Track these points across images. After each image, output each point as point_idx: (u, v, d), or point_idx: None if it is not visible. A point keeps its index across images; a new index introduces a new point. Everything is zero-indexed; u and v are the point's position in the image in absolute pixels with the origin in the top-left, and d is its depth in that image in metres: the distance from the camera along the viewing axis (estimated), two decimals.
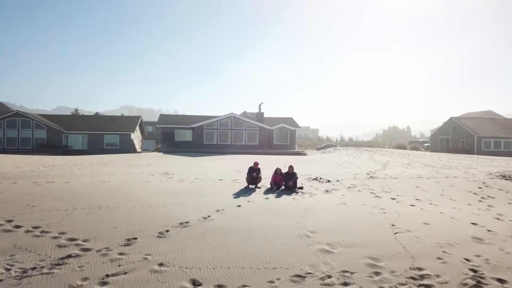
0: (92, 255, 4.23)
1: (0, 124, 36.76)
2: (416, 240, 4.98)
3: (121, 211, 6.31)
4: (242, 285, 3.55)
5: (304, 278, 3.72)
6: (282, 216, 6.36)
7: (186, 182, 10.15)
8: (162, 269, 3.88)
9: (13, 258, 4.16)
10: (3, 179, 9.87)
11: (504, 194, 9.25)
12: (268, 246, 4.72)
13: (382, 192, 9.22)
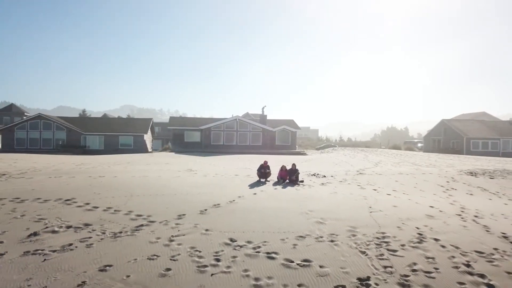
0: (157, 224, 5.91)
1: (24, 126, 38.57)
2: (385, 216, 6.64)
3: (167, 197, 8.02)
4: (263, 241, 5.22)
5: (304, 237, 5.39)
6: (288, 202, 8.05)
7: (209, 177, 11.90)
8: (208, 232, 5.56)
9: (103, 226, 5.84)
10: (61, 174, 11.61)
11: (466, 187, 10.90)
12: (279, 220, 6.39)
13: (367, 185, 10.93)
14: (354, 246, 5.08)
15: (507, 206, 8.21)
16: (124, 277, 4.14)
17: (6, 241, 5.20)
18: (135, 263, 4.50)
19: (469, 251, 4.95)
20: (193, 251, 4.80)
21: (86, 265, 4.44)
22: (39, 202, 7.32)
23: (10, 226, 5.82)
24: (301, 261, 4.55)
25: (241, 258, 4.62)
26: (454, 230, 5.94)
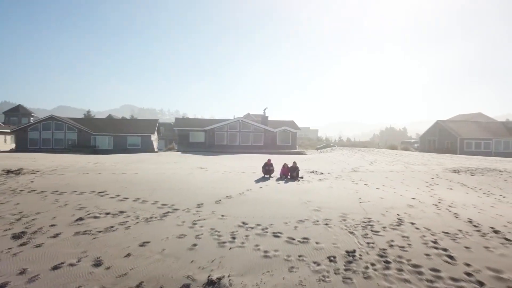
0: (181, 212, 6.92)
1: (37, 127, 39.65)
2: (372, 205, 7.63)
3: (185, 190, 9.03)
4: (270, 224, 6.21)
5: (303, 221, 6.39)
6: (289, 194, 9.05)
7: (219, 173, 12.92)
8: (224, 217, 6.56)
9: (135, 213, 6.84)
10: (87, 171, 12.63)
11: (447, 183, 11.87)
12: (282, 208, 7.39)
13: (359, 181, 11.92)
14: (344, 228, 6.08)
15: (480, 198, 9.19)
16: (160, 251, 5.14)
17: (58, 224, 6.22)
18: (167, 240, 5.51)
19: (438, 232, 5.94)
20: (213, 232, 5.81)
21: (128, 242, 5.45)
22: (76, 194, 8.35)
23: (58, 213, 6.83)
24: (301, 239, 5.55)
25: (252, 236, 5.62)
26: (429, 216, 6.93)
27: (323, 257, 4.93)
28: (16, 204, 7.39)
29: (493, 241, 5.60)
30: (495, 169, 14.68)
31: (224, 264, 4.70)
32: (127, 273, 4.51)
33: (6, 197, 8.02)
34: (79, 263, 4.78)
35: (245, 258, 4.90)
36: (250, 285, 4.19)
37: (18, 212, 6.88)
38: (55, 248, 5.28)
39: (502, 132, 46.29)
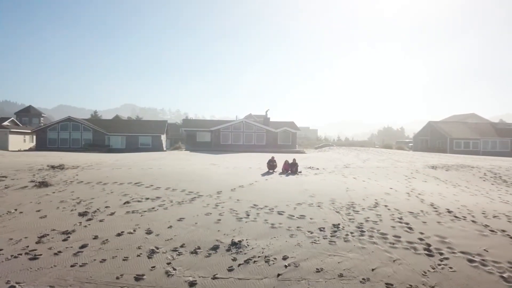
0: (205, 197, 8.47)
1: (55, 127, 41.33)
2: (356, 193, 9.16)
3: (205, 182, 10.61)
4: (275, 205, 7.76)
5: (301, 204, 7.93)
6: (290, 185, 10.59)
7: (230, 168, 14.49)
8: (239, 201, 8.10)
9: (169, 198, 8.39)
10: (119, 166, 14.24)
11: (424, 176, 13.39)
12: (284, 194, 8.93)
13: (349, 175, 13.47)
14: (332, 209, 7.61)
15: (447, 189, 10.69)
16: (193, 224, 6.69)
17: (111, 206, 7.78)
18: (197, 217, 7.06)
19: (404, 211, 7.46)
20: (232, 211, 7.35)
21: (168, 218, 7.00)
22: (117, 184, 9.92)
23: (108, 198, 8.40)
24: (299, 216, 7.08)
25: (262, 214, 7.16)
26: (400, 201, 8.46)
27: (315, 228, 6.46)
28: (72, 192, 8.96)
29: (445, 218, 7.11)
30: (468, 166, 16.16)
31: (242, 232, 6.25)
32: (172, 238, 6.06)
33: (62, 186, 9.60)
34: (135, 232, 6.34)
35: (257, 228, 6.43)
36: (262, 245, 5.73)
37: (76, 197, 8.46)
38: (114, 222, 6.85)
39: (490, 133, 47.64)
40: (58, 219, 7.05)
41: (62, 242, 6.01)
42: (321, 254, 5.43)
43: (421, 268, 5.07)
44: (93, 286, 4.67)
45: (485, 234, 6.36)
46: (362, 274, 4.86)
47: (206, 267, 5.05)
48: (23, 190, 9.30)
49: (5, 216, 7.30)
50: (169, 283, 4.66)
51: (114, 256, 5.43)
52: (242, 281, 4.69)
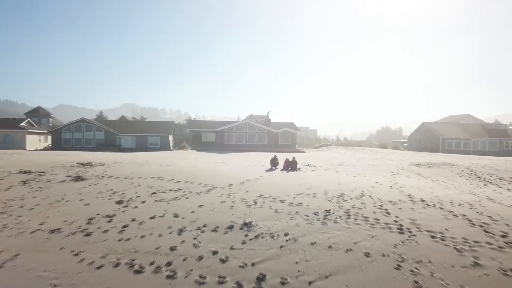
0: (218, 189, 9.75)
1: (69, 128, 42.72)
2: (346, 186, 10.42)
3: (217, 176, 11.90)
4: (278, 195, 9.03)
5: (299, 194, 9.21)
6: (290, 179, 11.86)
7: (236, 166, 15.77)
8: (248, 192, 9.38)
9: (188, 189, 9.67)
10: (140, 164, 15.53)
11: (407, 173, 14.63)
12: (285, 187, 10.19)
13: (342, 171, 14.74)
14: (325, 198, 8.88)
15: (426, 183, 11.93)
16: (212, 209, 7.97)
17: (141, 196, 9.07)
18: (214, 204, 8.34)
19: (385, 200, 8.72)
20: (242, 199, 8.63)
21: (190, 205, 8.28)
22: (142, 179, 11.22)
23: (137, 190, 9.69)
24: (297, 203, 8.35)
25: (267, 202, 8.43)
26: (383, 192, 9.72)
27: (311, 212, 7.73)
28: (105, 185, 10.26)
29: (418, 205, 8.37)
30: (449, 164, 17.37)
31: (251, 215, 7.52)
32: (195, 220, 7.34)
33: (95, 180, 10.91)
34: (164, 216, 7.62)
35: (263, 213, 7.71)
36: (268, 225, 7.01)
37: (110, 189, 9.75)
38: (146, 209, 8.14)
39: (480, 133, 48.71)
40: (99, 206, 8.34)
41: (107, 223, 7.32)
42: (315, 232, 6.70)
43: (393, 242, 6.34)
44: (138, 254, 5.96)
45: (448, 218, 7.61)
46: (346, 246, 6.13)
47: (225, 241, 6.34)
48: (62, 183, 10.61)
49: (55, 203, 8.61)
50: (197, 252, 5.94)
51: (151, 233, 6.73)
52: (253, 251, 5.97)
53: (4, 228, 7.20)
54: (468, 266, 5.59)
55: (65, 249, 6.20)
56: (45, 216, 7.79)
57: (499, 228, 7.05)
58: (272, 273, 5.19)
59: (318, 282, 4.99)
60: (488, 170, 15.04)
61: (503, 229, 7.00)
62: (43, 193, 9.47)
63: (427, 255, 5.89)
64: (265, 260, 5.63)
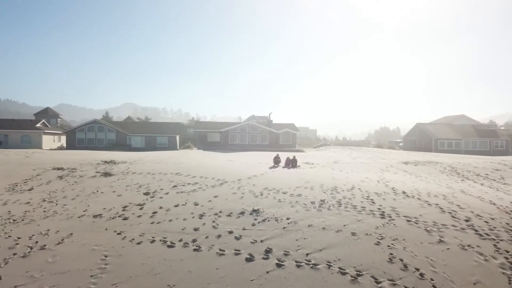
0: (230, 183, 11.00)
1: (83, 129, 44.06)
2: (339, 181, 11.64)
3: (227, 172, 13.17)
4: (280, 188, 10.27)
5: (299, 187, 10.45)
6: (291, 175, 13.10)
7: (243, 163, 17.02)
8: (255, 185, 10.62)
9: (204, 183, 10.92)
10: (158, 162, 16.81)
11: (395, 169, 15.83)
12: (287, 181, 11.43)
13: (337, 168, 15.96)
14: (322, 190, 10.11)
15: (410, 178, 13.13)
16: (225, 199, 9.21)
17: (164, 189, 10.32)
18: (227, 195, 9.58)
19: (372, 192, 9.94)
20: (250, 191, 9.87)
21: (207, 196, 9.53)
22: (162, 174, 12.49)
23: (160, 184, 10.95)
24: (297, 194, 9.58)
25: (271, 193, 9.67)
26: (370, 186, 10.93)
27: (308, 202, 8.96)
28: (131, 179, 11.54)
29: (399, 196, 9.58)
30: (433, 162, 18.55)
31: (259, 204, 8.76)
32: (212, 207, 8.58)
33: (121, 176, 12.18)
34: (186, 204, 8.87)
35: (268, 201, 8.94)
36: (272, 211, 8.23)
37: (136, 183, 11.02)
38: (170, 199, 9.39)
39: (471, 134, 49.73)
40: (130, 197, 9.61)
41: (139, 210, 8.58)
42: (311, 217, 7.93)
43: (375, 225, 7.56)
44: (169, 233, 7.20)
45: (423, 206, 8.82)
46: (337, 228, 7.36)
47: (238, 223, 7.58)
48: (93, 178, 11.89)
49: (92, 195, 9.88)
50: (216, 232, 7.18)
51: (177, 218, 7.98)
52: (261, 231, 7.21)
53: (55, 214, 8.49)
54: (434, 243, 6.80)
55: (109, 230, 7.47)
56: (86, 205, 9.06)
57: (465, 214, 8.25)
58: (277, 247, 6.42)
59: (313, 254, 6.21)
60: (468, 167, 16.21)
61: (467, 215, 8.20)
62: (79, 186, 10.74)
63: (402, 234, 7.11)
64: (271, 238, 6.86)
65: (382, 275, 5.52)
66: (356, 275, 5.48)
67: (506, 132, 52.66)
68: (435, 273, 5.68)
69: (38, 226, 7.74)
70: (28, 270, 5.79)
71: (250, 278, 5.43)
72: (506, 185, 12.18)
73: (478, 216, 8.15)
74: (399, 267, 5.80)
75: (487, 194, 10.33)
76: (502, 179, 13.19)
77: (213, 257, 6.13)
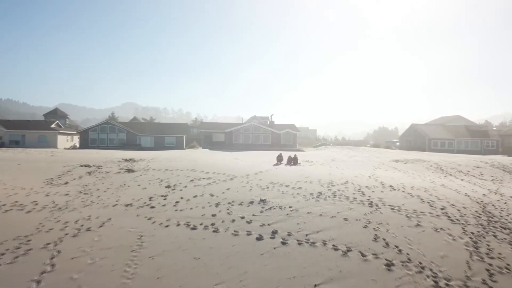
0: (239, 177, 12.19)
1: (95, 129, 45.34)
2: (335, 176, 12.81)
3: (236, 169, 14.34)
4: (283, 182, 11.45)
5: (299, 181, 11.62)
6: (292, 171, 14.27)
7: (249, 161, 18.21)
8: (261, 180, 11.81)
9: (217, 178, 12.11)
10: (173, 160, 18.00)
11: (386, 167, 16.96)
12: (289, 176, 12.60)
13: (333, 165, 17.13)
14: (319, 184, 11.28)
15: (398, 174, 14.27)
16: (236, 191, 10.39)
17: (183, 182, 11.52)
18: (238, 188, 10.76)
19: (363, 186, 11.10)
20: (257, 185, 11.06)
21: (220, 188, 10.72)
22: (179, 170, 13.69)
23: (178, 178, 12.15)
24: (298, 187, 10.76)
25: (276, 187, 10.85)
26: (362, 180, 12.09)
27: (308, 193, 10.13)
28: (152, 175, 12.74)
29: (386, 189, 10.73)
30: (422, 160, 19.67)
31: (265, 195, 9.94)
32: (226, 198, 9.77)
33: (143, 172, 13.40)
34: (203, 195, 10.06)
35: (273, 193, 10.12)
36: (277, 201, 9.41)
37: (157, 178, 12.22)
38: (189, 191, 10.58)
39: (463, 134, 50.64)
40: (154, 189, 10.80)
41: (163, 200, 9.77)
42: (310, 206, 9.10)
43: (364, 212, 8.72)
44: (191, 219, 8.39)
45: (406, 197, 9.98)
46: (331, 214, 8.52)
47: (248, 211, 8.75)
48: (118, 174, 13.10)
49: (120, 188, 11.09)
50: (230, 217, 8.35)
51: (196, 206, 9.17)
52: (268, 216, 8.38)
53: (92, 203, 9.70)
54: (412, 226, 7.96)
55: (140, 216, 8.66)
56: (117, 196, 10.26)
57: (441, 204, 9.40)
58: (281, 229, 7.59)
59: (312, 234, 7.38)
60: (452, 165, 17.32)
61: (443, 205, 9.35)
62: (107, 181, 11.96)
63: (386, 220, 8.27)
64: (277, 222, 8.04)
65: (367, 251, 6.68)
66: (347, 251, 6.63)
67: (498, 132, 53.55)
68: (411, 249, 6.84)
69: (80, 213, 8.95)
70: (80, 246, 6.98)
71: (260, 253, 6.60)
72: (484, 180, 13.30)
73: (452, 206, 9.29)
74: (382, 244, 6.96)
75: (464, 187, 11.47)
76: (481, 175, 14.32)
77: (229, 237, 7.31)
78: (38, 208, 9.18)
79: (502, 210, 9.05)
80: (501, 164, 17.51)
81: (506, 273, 6.10)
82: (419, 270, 6.00)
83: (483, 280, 5.78)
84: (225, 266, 6.14)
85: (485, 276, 5.95)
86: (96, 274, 5.82)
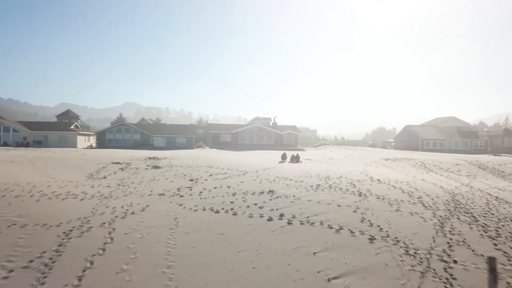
0: (250, 173, 13.80)
1: (111, 130, 47.13)
2: (331, 172, 14.38)
3: (246, 165, 15.93)
4: (287, 176, 13.05)
5: (301, 176, 13.23)
6: (295, 167, 15.86)
7: (257, 159, 19.84)
8: (269, 175, 13.42)
9: (231, 173, 13.74)
10: (190, 158, 19.66)
11: (377, 164, 18.48)
12: (292, 172, 14.20)
13: (330, 163, 18.69)
14: (318, 178, 12.87)
15: (386, 171, 15.80)
16: (249, 184, 12.01)
17: (203, 177, 13.15)
18: (250, 181, 12.38)
19: (354, 179, 12.67)
20: (266, 179, 12.66)
21: (235, 181, 12.34)
22: (199, 167, 15.33)
23: (199, 174, 13.79)
24: (300, 181, 12.36)
25: (282, 180, 12.45)
26: (354, 175, 13.65)
27: (308, 186, 11.72)
28: (176, 171, 14.39)
29: (374, 182, 12.28)
30: (409, 158, 21.16)
31: (273, 187, 11.54)
32: (240, 189, 11.38)
33: (168, 168, 15.05)
34: (221, 187, 11.67)
35: (279, 185, 11.73)
36: (283, 191, 11.00)
37: (181, 173, 13.87)
38: (209, 183, 12.20)
39: (454, 134, 51.83)
40: (180, 182, 12.44)
41: (189, 191, 11.40)
42: (310, 195, 10.69)
43: (354, 200, 10.29)
44: (214, 205, 10.00)
45: (390, 189, 11.53)
46: (327, 202, 10.10)
47: (260, 199, 10.36)
48: (147, 170, 14.77)
49: (151, 181, 12.74)
50: (245, 204, 9.95)
51: (217, 196, 10.78)
52: (276, 203, 9.97)
53: (131, 193, 11.35)
54: (393, 211, 9.52)
55: (172, 203, 10.29)
56: (150, 188, 11.91)
57: (418, 194, 10.94)
58: (287, 213, 9.17)
59: (311, 217, 8.96)
60: (435, 163, 18.80)
61: (420, 195, 10.89)
62: (139, 176, 13.62)
63: (372, 206, 9.83)
64: (283, 208, 9.62)
65: (355, 229, 8.24)
66: (339, 229, 8.19)
67: (487, 133, 54.68)
68: (390, 228, 8.39)
69: (123, 201, 10.59)
70: (130, 225, 8.60)
71: (271, 230, 8.19)
72: (460, 175, 14.80)
73: (427, 195, 10.83)
74: (367, 224, 8.52)
75: (441, 181, 13.00)
76: (458, 172, 15.81)
77: (245, 219, 8.90)
78: (88, 196, 10.84)
79: (468, 199, 10.58)
80: (478, 162, 18.96)
81: (462, 245, 7.66)
82: (395, 243, 7.56)
83: (443, 250, 7.33)
84: (244, 239, 7.72)
85: (446, 247, 7.49)
86: (146, 245, 7.43)
